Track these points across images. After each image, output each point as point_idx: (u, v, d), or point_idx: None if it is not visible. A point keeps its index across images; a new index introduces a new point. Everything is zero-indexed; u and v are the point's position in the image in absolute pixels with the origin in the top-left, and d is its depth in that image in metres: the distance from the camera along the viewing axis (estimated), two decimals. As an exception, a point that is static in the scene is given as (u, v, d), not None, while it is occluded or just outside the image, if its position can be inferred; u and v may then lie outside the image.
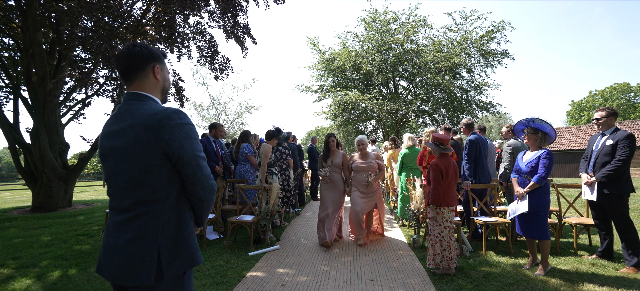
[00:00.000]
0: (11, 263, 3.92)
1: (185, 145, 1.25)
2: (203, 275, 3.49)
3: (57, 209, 7.86)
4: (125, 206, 1.25)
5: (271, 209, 4.70)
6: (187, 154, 1.25)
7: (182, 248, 1.27)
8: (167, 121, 1.23)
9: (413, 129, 19.43)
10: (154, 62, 1.36)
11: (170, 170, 1.27)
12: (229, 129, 25.38)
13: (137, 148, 1.23)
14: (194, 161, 1.27)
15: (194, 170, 1.27)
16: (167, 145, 1.22)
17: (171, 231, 1.26)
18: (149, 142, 1.22)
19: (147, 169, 1.23)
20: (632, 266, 3.48)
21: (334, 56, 17.49)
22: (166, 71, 1.45)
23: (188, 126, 1.29)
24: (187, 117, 1.31)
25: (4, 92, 9.19)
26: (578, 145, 25.78)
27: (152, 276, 1.20)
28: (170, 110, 1.27)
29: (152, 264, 1.20)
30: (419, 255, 4.17)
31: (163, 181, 1.25)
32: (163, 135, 1.22)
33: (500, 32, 16.22)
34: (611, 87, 43.39)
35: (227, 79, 13.17)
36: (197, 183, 1.28)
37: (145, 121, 1.24)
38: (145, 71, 1.35)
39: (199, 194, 1.31)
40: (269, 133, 5.34)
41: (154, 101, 1.35)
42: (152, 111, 1.26)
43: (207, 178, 1.31)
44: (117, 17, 7.43)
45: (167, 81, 1.45)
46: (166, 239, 1.24)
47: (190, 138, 1.28)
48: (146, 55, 1.34)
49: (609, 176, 3.54)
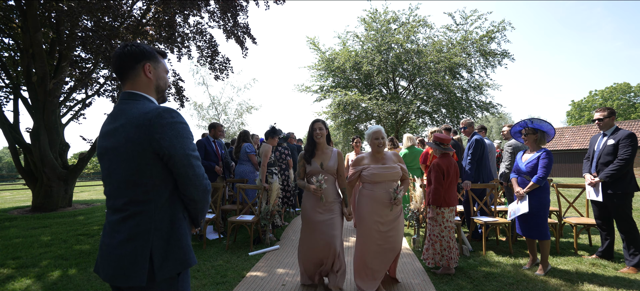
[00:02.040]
0: (11, 263, 3.92)
1: (176, 144, 1.23)
2: (203, 275, 3.49)
3: (57, 209, 7.86)
4: (119, 206, 1.25)
5: (271, 209, 4.70)
6: (178, 153, 1.23)
7: (174, 249, 1.25)
8: (157, 120, 1.21)
9: (413, 129, 19.42)
10: (145, 61, 1.34)
11: (163, 170, 1.25)
12: (229, 129, 25.39)
13: (129, 147, 1.22)
14: (186, 160, 1.24)
15: (185, 170, 1.24)
16: (158, 144, 1.21)
17: (164, 231, 1.24)
18: (139, 142, 1.21)
19: (139, 169, 1.22)
20: (633, 266, 3.48)
21: (334, 55, 17.48)
22: (162, 69, 1.41)
23: (180, 124, 1.26)
24: (180, 115, 1.29)
25: (4, 92, 9.18)
26: (578, 145, 25.77)
27: (144, 277, 1.19)
28: (161, 108, 1.26)
29: (144, 265, 1.19)
30: (419, 255, 4.16)
31: (155, 181, 1.24)
32: (153, 134, 1.20)
33: (501, 32, 16.23)
34: (611, 87, 43.38)
35: (227, 79, 13.17)
36: (189, 182, 1.26)
37: (136, 120, 1.22)
38: (136, 70, 1.33)
39: (192, 195, 1.29)
40: (268, 133, 5.34)
41: (148, 100, 1.33)
42: (144, 110, 1.25)
43: (199, 177, 1.28)
44: (117, 17, 7.43)
45: (162, 79, 1.41)
46: (159, 240, 1.23)
47: (182, 137, 1.25)
48: (136, 54, 1.33)
49: (612, 176, 3.54)
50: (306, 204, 3.11)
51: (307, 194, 3.11)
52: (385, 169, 3.04)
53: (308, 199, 3.10)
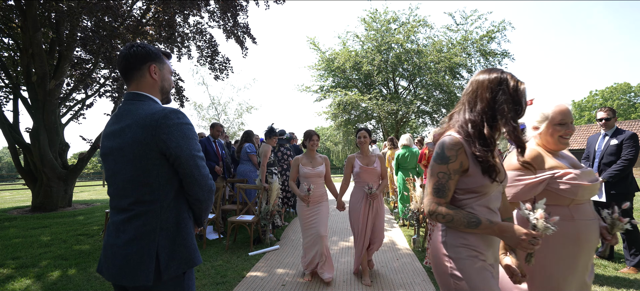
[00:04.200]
0: (11, 263, 3.91)
1: (183, 145, 1.24)
2: (203, 275, 3.48)
3: (57, 209, 7.85)
4: (125, 206, 1.25)
5: (271, 209, 4.69)
6: (184, 153, 1.24)
7: (180, 248, 1.27)
8: (164, 121, 1.22)
9: (413, 129, 19.43)
10: (150, 62, 1.35)
11: (169, 170, 1.26)
12: (229, 129, 25.36)
13: (135, 147, 1.22)
14: (192, 161, 1.26)
15: (191, 170, 1.26)
16: (164, 145, 1.22)
17: (170, 231, 1.25)
18: (146, 142, 1.21)
19: (145, 169, 1.23)
20: (633, 266, 3.47)
21: (334, 55, 17.48)
22: (167, 71, 1.42)
23: (186, 125, 1.28)
24: (186, 117, 1.30)
25: (4, 92, 9.18)
26: (578, 145, 25.77)
27: (151, 276, 1.20)
28: (168, 109, 1.27)
29: (150, 264, 1.20)
30: (419, 255, 4.16)
31: (161, 181, 1.25)
32: (160, 134, 1.21)
33: (501, 32, 16.25)
34: (611, 87, 43.41)
35: (227, 79, 13.18)
36: (194, 183, 1.28)
37: (143, 120, 1.23)
38: (141, 71, 1.34)
39: (197, 195, 1.30)
40: (267, 133, 5.33)
41: (153, 101, 1.34)
42: (150, 111, 1.25)
43: (205, 178, 1.30)
44: (117, 17, 7.42)
45: (167, 80, 1.42)
46: (164, 240, 1.23)
47: (188, 138, 1.26)
48: (142, 55, 1.34)
49: (615, 176, 3.55)
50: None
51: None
52: None
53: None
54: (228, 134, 23.91)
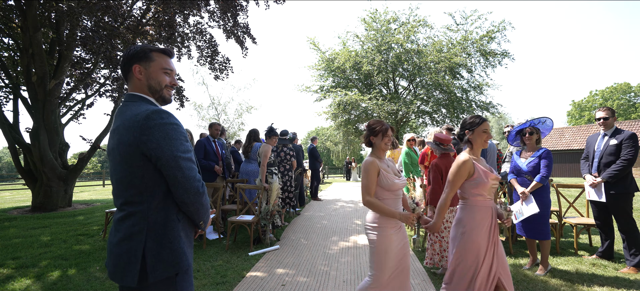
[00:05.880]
0: (11, 263, 3.91)
1: (164, 145, 1.21)
2: (203, 275, 3.48)
3: (57, 209, 7.85)
4: (118, 206, 1.29)
5: (271, 210, 4.70)
6: (165, 155, 1.21)
7: (166, 251, 1.24)
8: (145, 122, 1.21)
9: (413, 129, 19.43)
10: (134, 62, 1.35)
11: (155, 172, 1.24)
12: (229, 129, 25.36)
13: (121, 149, 1.23)
14: (173, 162, 1.22)
15: (173, 172, 1.22)
16: (145, 146, 1.20)
17: (157, 233, 1.24)
18: (129, 143, 1.22)
19: (131, 170, 1.23)
20: (633, 266, 3.47)
21: (334, 55, 17.48)
22: (155, 69, 1.36)
23: (169, 125, 1.24)
24: (171, 116, 1.27)
25: (4, 92, 9.17)
26: (578, 145, 25.76)
27: (135, 277, 1.20)
28: (151, 109, 1.25)
29: (136, 265, 1.20)
30: (419, 255, 4.16)
31: (147, 183, 1.24)
32: (141, 136, 1.20)
33: (501, 32, 16.23)
34: (611, 87, 43.40)
35: (227, 79, 13.17)
36: (178, 184, 1.24)
37: (128, 122, 1.23)
38: (129, 73, 1.36)
39: (182, 197, 1.26)
40: (267, 133, 5.32)
41: (146, 102, 1.33)
42: (135, 112, 1.25)
43: (189, 180, 1.25)
44: (117, 17, 7.43)
45: (154, 79, 1.36)
46: (151, 242, 1.23)
47: (170, 138, 1.23)
48: (126, 57, 1.36)
49: (615, 176, 3.54)
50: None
51: None
52: None
53: None
54: (228, 135, 23.86)
